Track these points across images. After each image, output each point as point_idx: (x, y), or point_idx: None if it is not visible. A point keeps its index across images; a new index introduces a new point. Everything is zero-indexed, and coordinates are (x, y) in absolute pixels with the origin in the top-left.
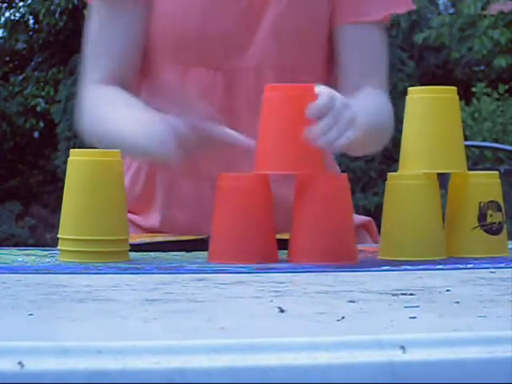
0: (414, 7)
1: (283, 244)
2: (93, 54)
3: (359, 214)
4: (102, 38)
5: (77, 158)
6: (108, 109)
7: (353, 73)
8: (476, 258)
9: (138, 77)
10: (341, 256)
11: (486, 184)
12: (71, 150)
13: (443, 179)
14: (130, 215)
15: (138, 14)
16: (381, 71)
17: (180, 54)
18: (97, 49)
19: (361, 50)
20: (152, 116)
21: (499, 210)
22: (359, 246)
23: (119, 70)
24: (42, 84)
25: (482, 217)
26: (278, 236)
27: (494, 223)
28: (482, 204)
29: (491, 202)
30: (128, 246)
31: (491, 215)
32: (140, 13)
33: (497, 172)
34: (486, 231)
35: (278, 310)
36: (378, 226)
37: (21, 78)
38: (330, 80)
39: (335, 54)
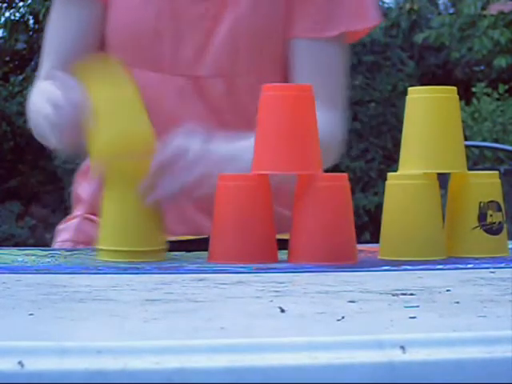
0: (374, 23)
1: (283, 244)
2: (44, 51)
3: (359, 214)
4: (52, 35)
5: None
6: (36, 100)
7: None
8: (476, 258)
9: None
10: (341, 256)
11: (486, 184)
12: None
13: (443, 179)
14: None
15: (91, 12)
16: (331, 87)
17: (133, 56)
18: (47, 45)
19: (311, 64)
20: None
21: (499, 209)
22: (359, 246)
23: (62, 67)
24: None
25: (482, 217)
26: (278, 236)
27: (494, 223)
28: (482, 204)
29: (491, 201)
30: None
31: (491, 215)
32: (94, 12)
33: (497, 172)
34: (486, 231)
35: (279, 309)
36: (378, 226)
37: (21, 78)
38: None
39: (289, 67)
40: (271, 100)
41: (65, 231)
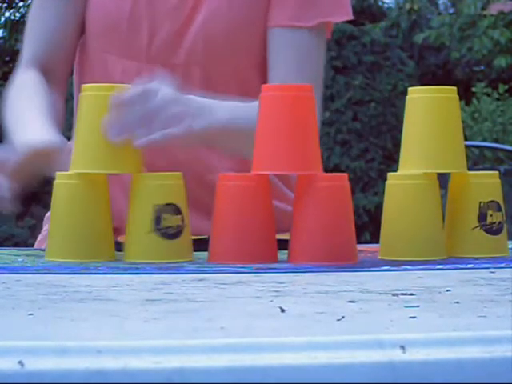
0: (350, 17)
1: (283, 244)
2: (25, 38)
3: (359, 214)
4: (33, 23)
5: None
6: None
7: (277, 75)
8: (476, 258)
9: (73, 63)
10: (341, 256)
11: (486, 184)
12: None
13: (443, 179)
14: None
15: (71, 2)
16: (308, 76)
17: (110, 44)
18: (28, 33)
19: (288, 53)
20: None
21: (499, 209)
22: (359, 246)
23: (42, 54)
24: None
25: (482, 217)
26: (278, 236)
27: (494, 223)
28: (482, 204)
29: (491, 201)
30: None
31: (491, 215)
32: (74, 1)
33: (497, 172)
34: (486, 231)
35: (279, 309)
36: (378, 226)
37: None
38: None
39: (266, 58)
40: (271, 100)
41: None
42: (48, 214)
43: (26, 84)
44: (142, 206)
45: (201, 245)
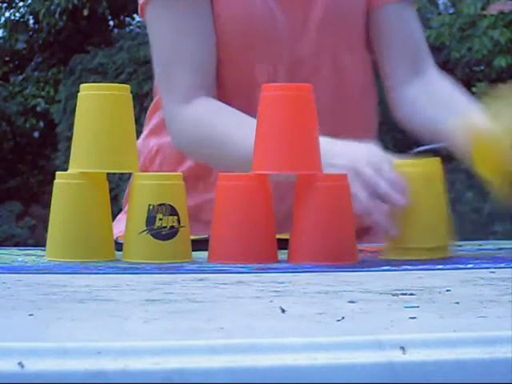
0: None
1: (283, 244)
2: (169, 66)
3: None
4: (178, 45)
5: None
6: (224, 128)
7: (410, 43)
8: (476, 258)
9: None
10: (341, 256)
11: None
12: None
13: None
14: None
15: (208, 10)
16: (426, 46)
17: (246, 52)
18: (174, 59)
19: (407, 27)
20: None
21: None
22: (359, 246)
23: (203, 78)
24: (41, 84)
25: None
26: (278, 236)
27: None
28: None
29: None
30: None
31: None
32: (209, 10)
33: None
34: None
35: (279, 309)
36: None
37: (21, 78)
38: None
39: (375, 37)
40: (271, 100)
41: (122, 221)
42: (119, 216)
43: (215, 109)
44: (138, 206)
45: (201, 245)
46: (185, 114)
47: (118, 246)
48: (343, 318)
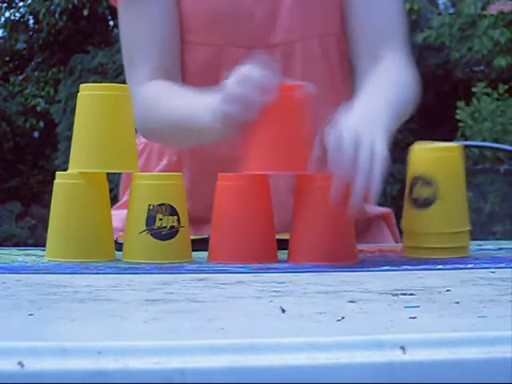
0: None
1: (283, 244)
2: (130, 52)
3: None
4: (136, 32)
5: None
6: (160, 101)
7: (369, 31)
8: (476, 258)
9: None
10: (341, 256)
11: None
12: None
13: None
14: None
15: (168, 2)
16: (398, 29)
17: (213, 34)
18: (134, 45)
19: (377, 6)
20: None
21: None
22: (359, 246)
23: (160, 60)
24: (41, 84)
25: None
26: (278, 236)
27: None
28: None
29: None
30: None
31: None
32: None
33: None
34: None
35: (279, 309)
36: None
37: (21, 78)
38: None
39: (348, 17)
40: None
41: (115, 219)
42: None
43: (161, 88)
44: (137, 206)
45: (201, 245)
46: (138, 95)
47: (118, 246)
48: (343, 317)
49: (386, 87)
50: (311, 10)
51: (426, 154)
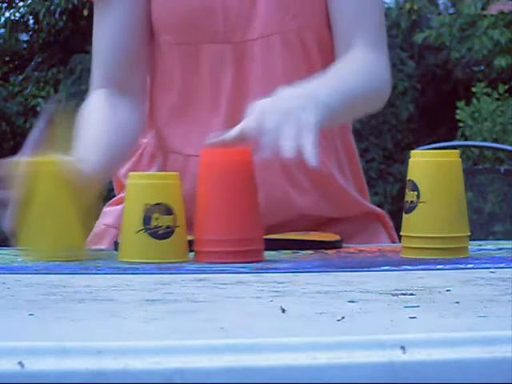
0: None
1: (283, 244)
2: (93, 59)
3: None
4: (96, 37)
5: None
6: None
7: (344, 26)
8: (476, 258)
9: (147, 64)
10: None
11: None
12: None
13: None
14: None
15: (132, 8)
16: (374, 24)
17: (188, 33)
18: (95, 53)
19: (344, 2)
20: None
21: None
22: (359, 246)
23: (109, 71)
24: (41, 84)
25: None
26: (277, 236)
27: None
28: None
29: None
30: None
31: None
32: (135, 6)
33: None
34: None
35: (279, 309)
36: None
37: (21, 78)
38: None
39: (329, 10)
40: (210, 166)
41: (109, 215)
42: (105, 209)
43: (94, 109)
44: (133, 205)
45: None
46: (85, 104)
47: (116, 246)
48: (343, 317)
49: (337, 69)
50: (288, 2)
51: (413, 159)
